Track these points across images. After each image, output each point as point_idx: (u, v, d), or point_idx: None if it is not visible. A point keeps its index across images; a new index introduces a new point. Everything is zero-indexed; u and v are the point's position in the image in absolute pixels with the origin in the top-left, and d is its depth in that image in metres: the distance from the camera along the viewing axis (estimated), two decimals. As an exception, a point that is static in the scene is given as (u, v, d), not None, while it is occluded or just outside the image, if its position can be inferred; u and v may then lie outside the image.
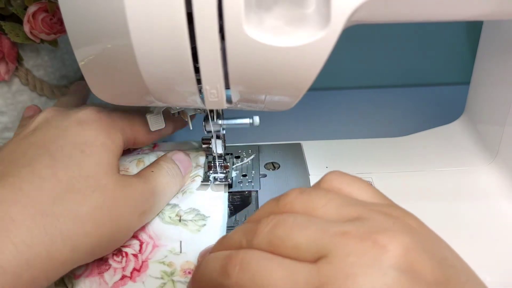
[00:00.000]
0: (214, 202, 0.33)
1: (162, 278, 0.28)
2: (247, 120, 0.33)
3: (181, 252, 0.30)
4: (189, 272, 0.28)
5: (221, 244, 0.24)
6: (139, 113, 0.33)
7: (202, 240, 0.30)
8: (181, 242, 0.30)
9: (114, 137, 0.29)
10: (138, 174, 0.30)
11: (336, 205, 0.22)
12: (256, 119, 0.33)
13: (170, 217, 0.32)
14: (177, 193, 0.34)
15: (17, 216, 0.23)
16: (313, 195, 0.22)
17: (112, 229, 0.26)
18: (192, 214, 0.32)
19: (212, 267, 0.22)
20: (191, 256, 0.29)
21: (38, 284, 0.23)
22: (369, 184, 0.23)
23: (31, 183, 0.24)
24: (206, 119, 0.33)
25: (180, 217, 0.32)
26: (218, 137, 0.35)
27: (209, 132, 0.33)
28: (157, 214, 0.32)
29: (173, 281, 0.28)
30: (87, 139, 0.27)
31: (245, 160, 0.38)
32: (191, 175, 0.36)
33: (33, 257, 0.22)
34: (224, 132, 0.34)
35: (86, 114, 0.29)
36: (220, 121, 0.33)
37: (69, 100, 0.37)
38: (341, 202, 0.22)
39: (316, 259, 0.19)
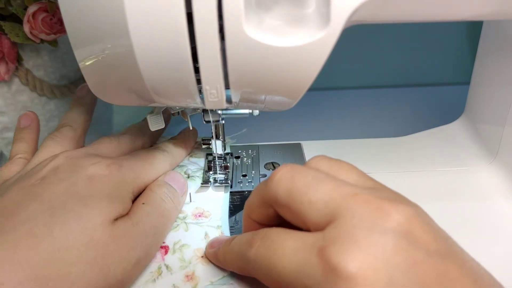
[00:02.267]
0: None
1: (175, 221, 0.32)
2: (246, 110, 0.33)
3: (190, 201, 0.34)
4: (199, 215, 0.32)
5: (246, 204, 0.27)
6: (150, 162, 0.32)
7: (210, 190, 0.35)
8: (190, 193, 0.34)
9: (122, 191, 0.28)
10: (131, 211, 0.28)
11: (358, 173, 0.24)
12: (256, 110, 0.33)
13: None
14: (185, 159, 0.36)
15: (6, 281, 0.22)
16: (339, 160, 0.25)
17: (104, 286, 0.24)
18: (200, 172, 0.36)
19: (241, 241, 0.25)
20: (200, 204, 0.34)
21: None
22: (355, 168, 0.25)
23: (26, 244, 0.23)
24: (205, 109, 0.33)
25: (189, 175, 0.36)
26: (217, 137, 0.35)
27: (208, 122, 0.33)
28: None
29: (185, 223, 0.32)
30: (93, 193, 0.26)
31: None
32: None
33: None
34: (224, 122, 0.34)
35: (96, 169, 0.28)
36: (219, 111, 0.33)
37: (76, 113, 0.35)
38: (362, 173, 0.24)
39: (326, 223, 0.21)
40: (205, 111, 0.33)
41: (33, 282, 0.22)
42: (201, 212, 0.32)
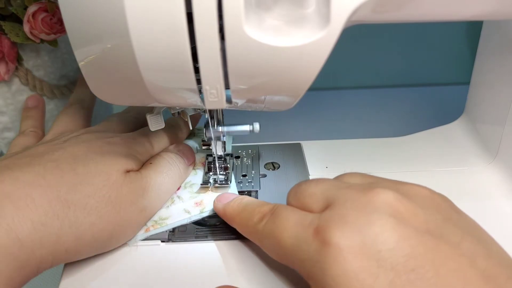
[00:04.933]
0: None
1: None
2: (247, 127, 0.34)
3: (197, 151, 0.39)
4: (203, 164, 0.37)
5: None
6: (158, 136, 0.36)
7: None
8: (197, 147, 0.39)
9: (135, 153, 0.32)
10: (141, 168, 0.32)
11: (361, 175, 0.27)
12: (256, 126, 0.34)
13: None
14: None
15: (37, 198, 0.25)
16: (344, 173, 0.28)
17: (114, 223, 0.28)
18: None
19: (253, 211, 0.27)
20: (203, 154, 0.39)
21: (44, 265, 0.25)
22: (360, 172, 0.28)
23: (53, 174, 0.27)
24: (206, 125, 0.34)
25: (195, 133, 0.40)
26: (218, 138, 0.35)
27: (210, 139, 0.34)
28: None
29: (194, 169, 0.37)
30: (110, 151, 0.30)
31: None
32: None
33: (45, 237, 0.25)
34: (225, 139, 0.35)
35: (114, 138, 0.32)
36: (220, 128, 0.34)
37: (84, 93, 0.39)
38: (366, 175, 0.27)
39: (324, 209, 0.24)
40: (206, 127, 0.34)
41: (59, 203, 0.26)
42: (203, 161, 0.37)
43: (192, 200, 0.34)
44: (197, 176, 0.36)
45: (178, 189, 0.35)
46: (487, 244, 0.22)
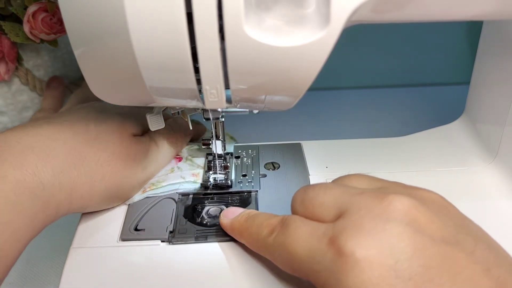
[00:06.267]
0: None
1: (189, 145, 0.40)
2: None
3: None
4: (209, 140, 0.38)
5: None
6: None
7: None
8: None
9: (140, 119, 0.35)
10: (145, 134, 0.35)
11: (368, 178, 0.27)
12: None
13: None
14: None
15: (56, 149, 0.28)
16: (351, 174, 0.27)
17: (122, 176, 0.32)
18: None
19: (261, 224, 0.27)
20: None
21: (61, 210, 0.28)
22: (366, 175, 0.27)
23: (69, 130, 0.30)
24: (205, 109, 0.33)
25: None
26: (218, 137, 0.35)
27: (208, 119, 0.34)
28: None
29: (197, 145, 0.39)
30: (120, 115, 0.33)
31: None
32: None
33: (64, 183, 0.28)
34: (224, 119, 0.35)
35: (123, 109, 0.35)
36: (219, 108, 0.33)
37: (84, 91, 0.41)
38: (373, 178, 0.27)
39: (336, 218, 0.23)
40: (205, 109, 0.33)
41: (75, 155, 0.29)
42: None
43: (190, 171, 0.36)
44: (199, 151, 0.39)
45: (180, 160, 0.37)
46: (496, 251, 0.22)
